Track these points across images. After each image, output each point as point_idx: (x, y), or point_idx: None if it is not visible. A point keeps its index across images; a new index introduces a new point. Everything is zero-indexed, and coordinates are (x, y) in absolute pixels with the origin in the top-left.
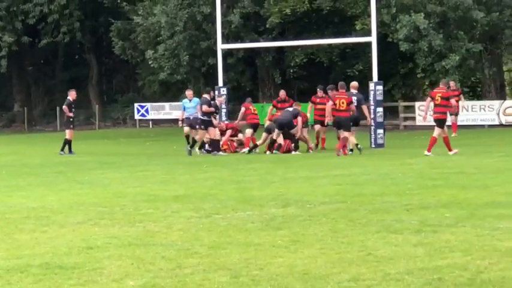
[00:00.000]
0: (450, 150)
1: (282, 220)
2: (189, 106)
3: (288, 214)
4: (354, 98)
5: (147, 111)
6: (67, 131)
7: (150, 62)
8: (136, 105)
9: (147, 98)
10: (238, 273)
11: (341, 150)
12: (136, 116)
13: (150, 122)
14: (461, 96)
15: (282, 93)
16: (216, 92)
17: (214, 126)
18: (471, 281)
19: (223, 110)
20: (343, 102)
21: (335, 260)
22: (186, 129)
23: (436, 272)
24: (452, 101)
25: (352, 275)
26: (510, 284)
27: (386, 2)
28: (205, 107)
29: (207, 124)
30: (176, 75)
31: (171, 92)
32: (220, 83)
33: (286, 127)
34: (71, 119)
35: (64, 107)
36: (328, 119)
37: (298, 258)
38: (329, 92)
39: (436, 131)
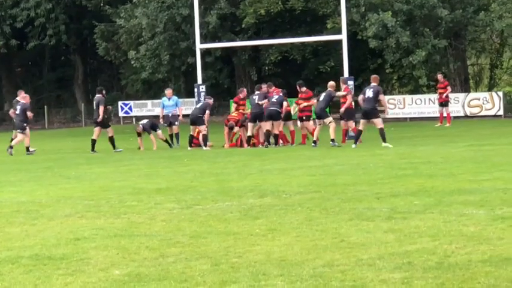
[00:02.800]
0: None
1: (260, 210)
2: (168, 104)
3: (265, 204)
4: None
5: (130, 108)
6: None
7: (132, 62)
8: (120, 103)
9: (130, 96)
10: (218, 261)
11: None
12: (120, 114)
13: (134, 119)
14: (449, 87)
15: (243, 91)
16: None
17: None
18: (439, 264)
19: None
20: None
21: (310, 247)
22: (170, 129)
23: (406, 256)
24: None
25: (326, 260)
26: (475, 267)
27: (355, 1)
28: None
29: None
30: (157, 74)
31: (153, 90)
32: (200, 80)
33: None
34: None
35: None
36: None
37: (275, 246)
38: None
39: None
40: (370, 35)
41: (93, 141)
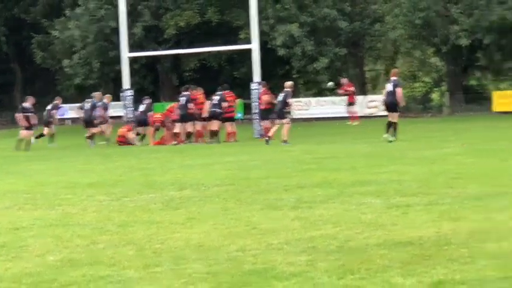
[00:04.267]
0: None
1: (180, 201)
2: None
3: (185, 196)
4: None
5: (66, 111)
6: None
7: (66, 70)
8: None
9: (65, 100)
10: (143, 247)
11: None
12: (57, 116)
13: (69, 121)
14: (353, 88)
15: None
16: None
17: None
18: (340, 248)
19: (129, 109)
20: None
21: (225, 234)
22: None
23: (311, 241)
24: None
25: (240, 245)
26: (372, 250)
27: (265, 14)
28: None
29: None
30: (89, 80)
31: (85, 95)
32: (127, 86)
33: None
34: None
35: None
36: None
37: (194, 233)
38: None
39: None
40: (278, 44)
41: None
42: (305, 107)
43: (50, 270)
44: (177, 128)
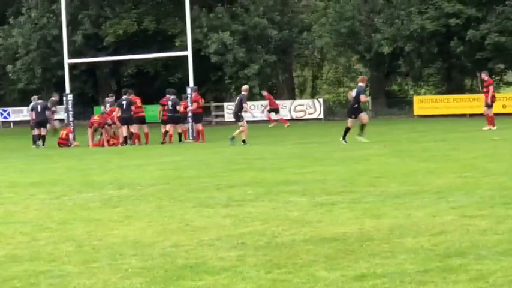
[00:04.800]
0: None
1: (118, 200)
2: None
3: (122, 195)
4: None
5: (8, 114)
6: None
7: (10, 75)
8: None
9: (8, 103)
10: (82, 243)
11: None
12: (0, 119)
13: (12, 123)
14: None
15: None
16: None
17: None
18: (268, 244)
19: (71, 113)
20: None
21: (160, 231)
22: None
23: (241, 237)
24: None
25: (174, 242)
26: (298, 246)
27: (199, 23)
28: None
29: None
30: (32, 85)
31: (28, 99)
32: (68, 90)
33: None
34: None
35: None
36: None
37: (131, 230)
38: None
39: None
40: (211, 52)
41: None
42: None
43: None
44: (122, 129)
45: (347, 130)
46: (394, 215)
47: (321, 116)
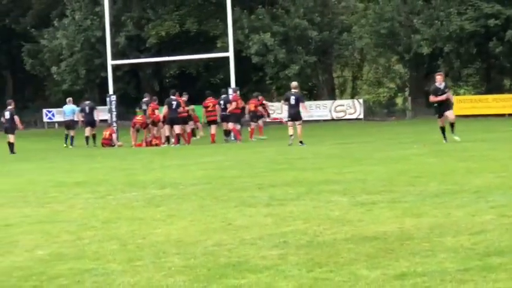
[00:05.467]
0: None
1: (161, 199)
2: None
3: (165, 194)
4: (293, 97)
5: (53, 115)
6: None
7: (54, 76)
8: (44, 110)
9: (53, 104)
10: (126, 242)
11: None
12: (45, 119)
13: (56, 124)
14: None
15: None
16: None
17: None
18: (309, 243)
19: (114, 113)
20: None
21: (203, 230)
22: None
23: (282, 236)
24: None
25: (216, 240)
26: (339, 244)
27: (240, 24)
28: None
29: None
30: (76, 86)
31: (72, 99)
32: (111, 91)
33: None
34: None
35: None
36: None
37: (174, 229)
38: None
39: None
40: (252, 53)
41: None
42: (277, 111)
43: (39, 264)
44: (165, 130)
45: (442, 129)
46: (434, 214)
47: (361, 116)
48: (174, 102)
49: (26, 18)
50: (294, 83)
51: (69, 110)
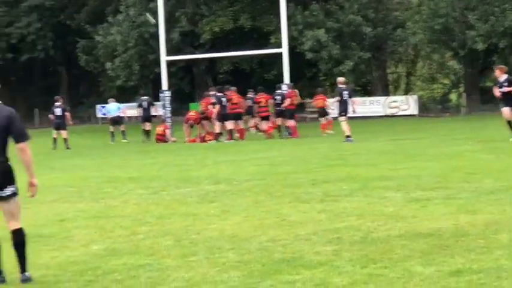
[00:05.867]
0: None
1: (214, 195)
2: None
3: (219, 190)
4: (345, 92)
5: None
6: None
7: (109, 72)
8: (98, 106)
9: (107, 100)
10: (180, 237)
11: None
12: (99, 115)
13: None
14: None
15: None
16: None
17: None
18: (363, 239)
19: (168, 109)
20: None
21: (257, 225)
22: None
23: (336, 232)
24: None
25: (270, 236)
26: (393, 241)
27: (294, 20)
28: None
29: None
30: (130, 82)
31: (126, 95)
32: (165, 87)
33: None
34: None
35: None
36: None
37: (228, 225)
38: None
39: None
40: (306, 49)
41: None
42: (331, 107)
43: (94, 259)
44: (217, 125)
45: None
46: (489, 211)
47: (415, 112)
48: (224, 99)
49: (81, 15)
50: (342, 78)
51: (115, 108)
